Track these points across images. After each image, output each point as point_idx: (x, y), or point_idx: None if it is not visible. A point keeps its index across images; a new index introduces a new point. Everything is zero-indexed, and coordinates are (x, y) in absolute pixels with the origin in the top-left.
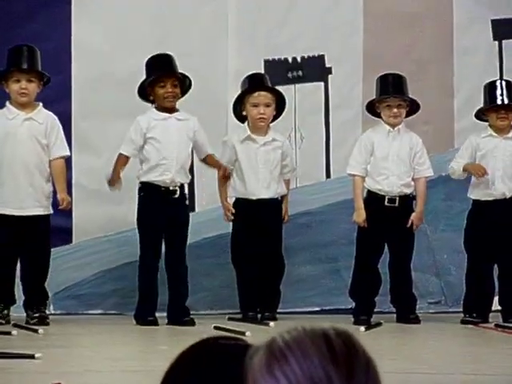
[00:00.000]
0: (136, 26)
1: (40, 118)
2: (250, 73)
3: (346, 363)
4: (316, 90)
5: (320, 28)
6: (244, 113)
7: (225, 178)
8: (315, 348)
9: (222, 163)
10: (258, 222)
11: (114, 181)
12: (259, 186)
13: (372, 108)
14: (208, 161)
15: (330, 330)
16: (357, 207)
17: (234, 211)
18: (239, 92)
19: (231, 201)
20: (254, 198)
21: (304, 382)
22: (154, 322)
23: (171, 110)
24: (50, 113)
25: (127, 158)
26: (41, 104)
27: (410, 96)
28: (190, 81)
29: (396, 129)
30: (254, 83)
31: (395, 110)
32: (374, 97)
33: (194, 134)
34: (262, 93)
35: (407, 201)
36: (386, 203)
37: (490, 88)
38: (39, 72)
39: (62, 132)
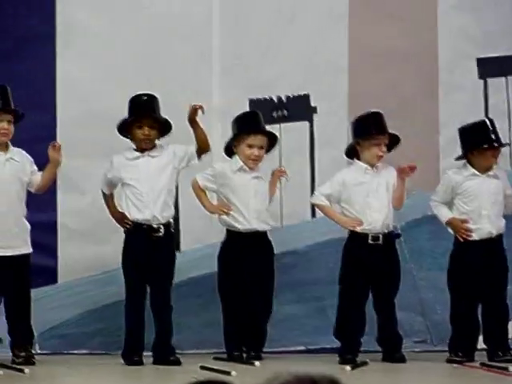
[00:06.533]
0: (121, 63)
1: (17, 157)
2: (247, 111)
3: None
4: (301, 130)
5: (305, 67)
6: (234, 148)
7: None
8: None
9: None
10: (248, 257)
11: (118, 219)
12: (250, 217)
13: (351, 150)
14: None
15: (316, 374)
16: (338, 220)
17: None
18: (234, 131)
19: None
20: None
21: None
22: (140, 362)
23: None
24: (20, 149)
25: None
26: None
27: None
28: (170, 124)
29: (374, 166)
30: (252, 125)
31: (384, 148)
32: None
33: (174, 156)
34: (259, 136)
35: (391, 238)
36: (369, 241)
37: (481, 128)
38: (13, 110)
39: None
